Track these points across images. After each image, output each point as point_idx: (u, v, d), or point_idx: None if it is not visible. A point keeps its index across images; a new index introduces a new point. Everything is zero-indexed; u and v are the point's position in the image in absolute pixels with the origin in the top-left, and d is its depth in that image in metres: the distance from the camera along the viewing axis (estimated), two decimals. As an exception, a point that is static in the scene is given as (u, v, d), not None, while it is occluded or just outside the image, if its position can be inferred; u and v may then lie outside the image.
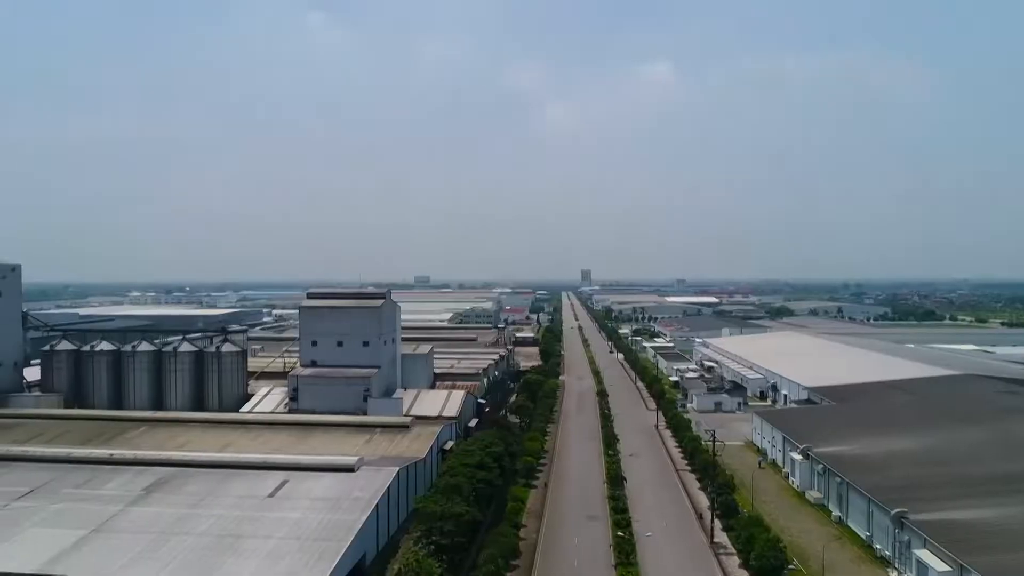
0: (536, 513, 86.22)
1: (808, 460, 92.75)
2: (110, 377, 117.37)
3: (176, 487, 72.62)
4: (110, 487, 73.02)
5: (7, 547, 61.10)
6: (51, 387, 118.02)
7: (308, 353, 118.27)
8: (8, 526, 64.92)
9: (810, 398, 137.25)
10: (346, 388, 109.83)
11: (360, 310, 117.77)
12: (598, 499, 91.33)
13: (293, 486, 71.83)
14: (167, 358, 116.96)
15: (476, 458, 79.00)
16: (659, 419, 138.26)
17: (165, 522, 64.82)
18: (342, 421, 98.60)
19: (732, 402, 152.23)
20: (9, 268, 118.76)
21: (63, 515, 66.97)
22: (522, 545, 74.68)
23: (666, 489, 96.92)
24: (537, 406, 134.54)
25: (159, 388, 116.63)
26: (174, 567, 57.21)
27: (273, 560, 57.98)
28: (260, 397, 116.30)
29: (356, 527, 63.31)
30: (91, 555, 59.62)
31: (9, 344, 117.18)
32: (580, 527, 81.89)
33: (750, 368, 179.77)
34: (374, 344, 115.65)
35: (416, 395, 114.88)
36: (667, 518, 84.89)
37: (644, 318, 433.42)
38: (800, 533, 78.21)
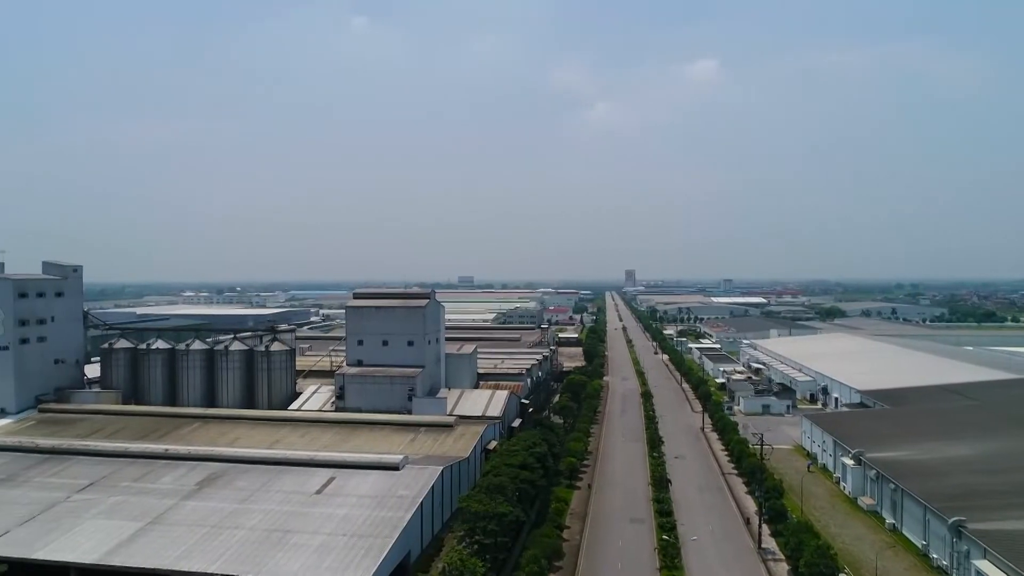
0: (579, 514, 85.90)
1: (860, 465, 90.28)
2: (165, 374, 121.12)
3: (227, 482, 74.55)
4: (165, 481, 75.40)
5: (69, 538, 63.66)
6: (110, 384, 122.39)
7: (354, 352, 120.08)
8: (70, 517, 67.64)
9: (862, 402, 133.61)
10: (391, 387, 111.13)
11: (405, 310, 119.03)
12: (642, 501, 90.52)
13: (340, 483, 73.01)
14: (219, 356, 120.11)
15: (519, 458, 79.06)
16: (705, 421, 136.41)
17: (217, 516, 66.61)
18: (387, 420, 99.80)
19: (780, 405, 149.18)
20: (71, 269, 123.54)
21: (121, 507, 69.42)
22: (565, 546, 74.50)
23: (712, 493, 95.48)
24: (580, 407, 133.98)
25: (211, 385, 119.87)
26: (226, 560, 58.74)
27: (320, 555, 59.05)
28: (308, 395, 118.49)
29: (401, 525, 64.03)
30: (147, 546, 61.64)
31: (72, 342, 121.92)
32: (624, 529, 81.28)
33: (799, 370, 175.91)
34: (419, 344, 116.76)
35: (460, 394, 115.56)
36: (713, 522, 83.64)
37: (689, 319, 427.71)
38: (852, 540, 76.20)
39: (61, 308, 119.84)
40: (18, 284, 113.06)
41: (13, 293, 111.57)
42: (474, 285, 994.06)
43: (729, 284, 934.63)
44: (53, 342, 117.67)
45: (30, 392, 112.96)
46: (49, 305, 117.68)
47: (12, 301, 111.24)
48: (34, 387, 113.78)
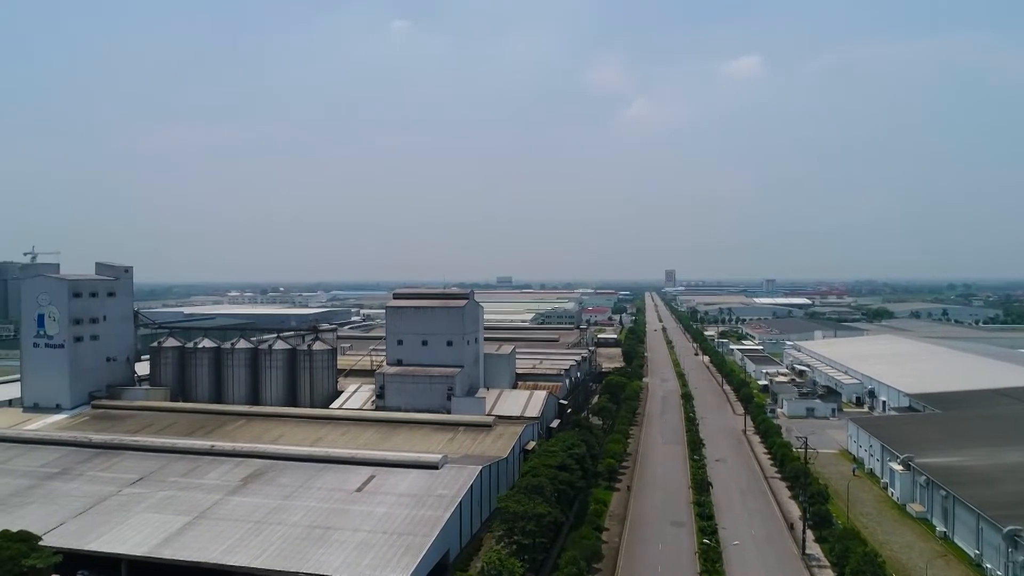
0: (619, 516, 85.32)
1: (909, 471, 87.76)
2: (211, 372, 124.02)
3: (271, 479, 76.00)
4: (211, 477, 77.22)
5: (121, 530, 65.67)
6: (159, 381, 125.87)
7: (394, 352, 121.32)
8: (121, 510, 69.76)
9: (911, 405, 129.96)
10: (430, 386, 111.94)
11: (444, 310, 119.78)
12: (683, 505, 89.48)
13: (380, 481, 73.81)
14: (263, 355, 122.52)
15: (558, 459, 78.86)
16: (747, 424, 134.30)
17: (261, 512, 67.96)
18: (426, 419, 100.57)
19: (825, 408, 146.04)
20: (122, 270, 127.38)
21: (169, 501, 71.33)
22: (604, 548, 74.05)
23: (754, 497, 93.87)
24: (619, 408, 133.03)
25: (255, 383, 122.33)
26: (269, 555, 59.89)
27: (361, 552, 59.78)
28: (349, 394, 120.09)
29: (440, 523, 64.43)
30: (195, 540, 63.21)
31: (123, 341, 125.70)
32: (664, 533, 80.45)
33: (845, 373, 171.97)
34: (457, 343, 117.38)
35: (498, 395, 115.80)
36: (756, 527, 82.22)
37: (731, 320, 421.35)
38: (900, 548, 74.13)
39: (113, 308, 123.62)
40: (72, 284, 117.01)
41: (68, 293, 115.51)
42: (512, 285, 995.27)
43: (772, 284, 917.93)
44: (105, 340, 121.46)
45: (84, 389, 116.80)
46: (102, 305, 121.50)
47: (67, 301, 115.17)
48: (88, 384, 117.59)
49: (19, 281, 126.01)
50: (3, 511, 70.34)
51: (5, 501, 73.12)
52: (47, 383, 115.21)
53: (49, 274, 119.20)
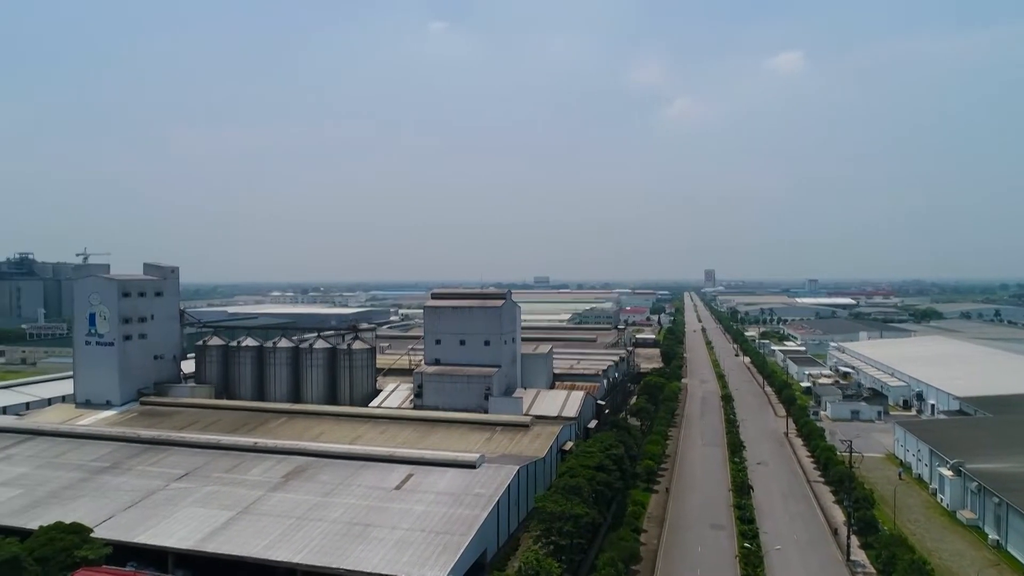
0: (657, 518, 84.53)
1: (960, 477, 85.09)
2: (254, 370, 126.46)
3: (311, 475, 77.15)
4: (254, 473, 78.72)
5: (168, 524, 67.37)
6: (204, 379, 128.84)
7: (432, 351, 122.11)
8: (168, 504, 71.59)
9: (962, 409, 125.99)
10: (468, 386, 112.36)
11: (482, 310, 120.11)
12: (723, 507, 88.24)
13: (418, 479, 74.35)
14: (304, 354, 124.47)
15: (595, 459, 78.43)
16: (789, 426, 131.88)
17: (302, 508, 69.04)
18: (464, 418, 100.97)
19: (871, 411, 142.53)
20: (169, 270, 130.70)
21: (214, 497, 72.93)
22: (642, 550, 73.47)
23: (797, 501, 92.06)
24: (658, 409, 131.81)
25: (297, 381, 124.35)
26: (310, 551, 60.79)
27: (399, 550, 60.28)
28: (388, 392, 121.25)
29: (478, 523, 64.61)
30: (238, 535, 64.51)
31: (170, 339, 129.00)
32: (703, 535, 79.43)
33: (891, 375, 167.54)
34: (495, 343, 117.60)
35: (536, 394, 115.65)
36: (798, 531, 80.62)
37: (772, 320, 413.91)
38: (950, 556, 71.91)
39: (160, 307, 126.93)
40: (122, 284, 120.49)
41: (118, 293, 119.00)
42: (550, 285, 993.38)
43: (815, 284, 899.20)
44: (153, 339, 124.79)
45: (132, 386, 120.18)
46: (149, 304, 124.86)
47: (117, 300, 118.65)
48: (136, 381, 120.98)
49: (72, 281, 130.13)
50: (57, 503, 72.84)
51: (58, 494, 75.68)
52: (98, 380, 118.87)
53: (100, 274, 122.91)
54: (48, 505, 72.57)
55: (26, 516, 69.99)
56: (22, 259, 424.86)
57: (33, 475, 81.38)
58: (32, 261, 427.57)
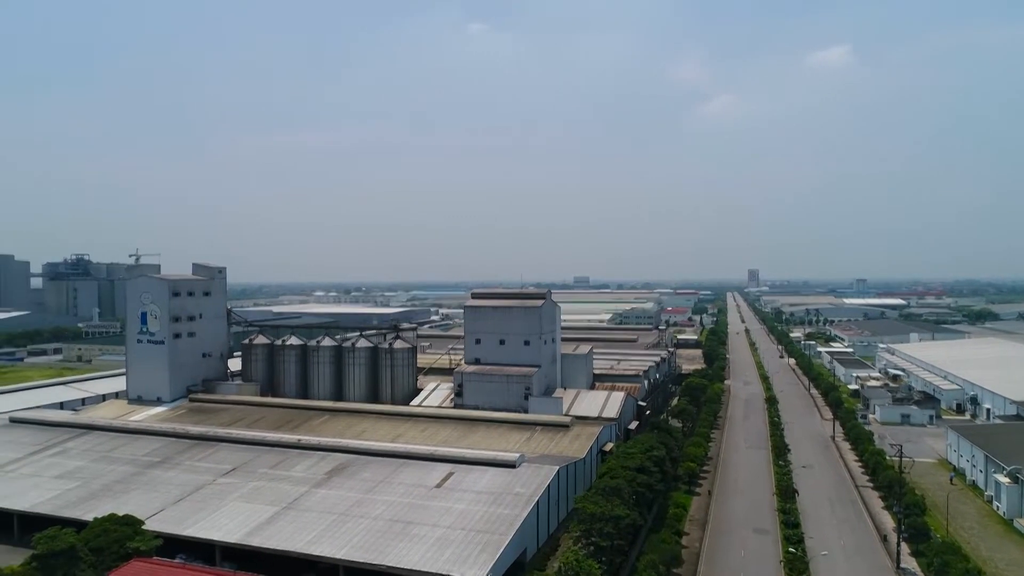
0: (699, 521, 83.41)
1: (1017, 484, 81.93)
2: (298, 368, 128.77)
3: (354, 473, 78.20)
4: (298, 469, 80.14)
5: (215, 517, 69.04)
6: (250, 376, 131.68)
7: (472, 351, 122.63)
8: (215, 499, 73.35)
9: (1019, 413, 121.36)
10: (507, 386, 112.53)
11: (521, 310, 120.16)
12: (767, 511, 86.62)
13: (458, 478, 74.74)
14: (346, 352, 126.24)
15: (636, 461, 77.76)
16: (835, 430, 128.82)
17: (345, 504, 70.03)
18: (504, 418, 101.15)
19: (922, 415, 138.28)
20: (217, 270, 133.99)
21: (259, 492, 74.47)
22: (684, 553, 72.47)
23: (844, 506, 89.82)
24: (700, 411, 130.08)
25: (339, 379, 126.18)
26: (352, 547, 61.62)
27: (440, 548, 60.68)
28: (428, 391, 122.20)
29: (518, 522, 64.65)
30: (283, 529, 65.76)
31: (217, 338, 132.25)
32: (747, 539, 78.06)
33: (944, 378, 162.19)
34: (535, 343, 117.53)
35: (576, 395, 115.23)
36: (845, 537, 78.65)
37: (818, 321, 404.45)
38: (1007, 566, 69.32)
39: (208, 306, 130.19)
40: (172, 284, 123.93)
41: (168, 292, 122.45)
42: (590, 285, 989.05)
43: (863, 284, 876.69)
44: (201, 337, 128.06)
45: (182, 383, 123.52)
46: (198, 303, 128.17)
47: (167, 300, 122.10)
48: (185, 378, 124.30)
49: (125, 281, 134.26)
50: (110, 496, 75.29)
51: (112, 487, 78.21)
52: (149, 377, 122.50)
53: (151, 275, 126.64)
54: (102, 498, 75.07)
55: (82, 508, 72.52)
56: (78, 260, 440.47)
57: (88, 468, 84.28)
58: (88, 262, 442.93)
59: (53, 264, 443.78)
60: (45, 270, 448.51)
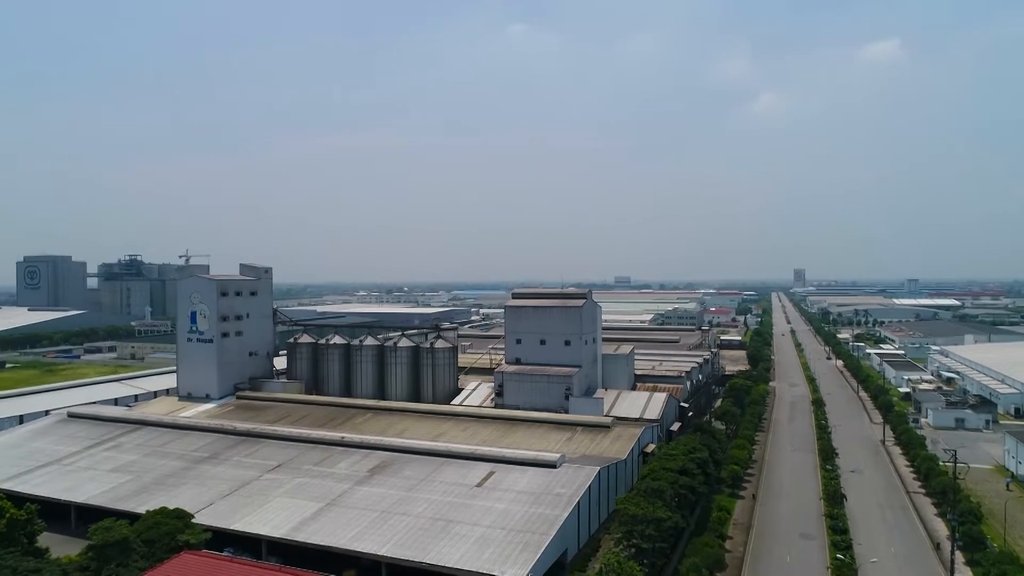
0: (743, 525, 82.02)
1: (1080, 492, 78.49)
2: (341, 367, 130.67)
3: (396, 470, 78.98)
4: (341, 466, 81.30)
5: (261, 513, 70.49)
6: (295, 374, 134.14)
7: (512, 351, 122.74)
8: (262, 494, 74.88)
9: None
10: (548, 386, 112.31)
11: (562, 310, 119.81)
12: (813, 516, 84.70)
13: (499, 478, 74.87)
14: (388, 352, 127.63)
15: (678, 463, 76.85)
16: (886, 434, 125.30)
17: (387, 502, 70.78)
18: (544, 418, 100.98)
19: (978, 419, 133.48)
20: (263, 271, 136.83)
21: (304, 488, 75.78)
22: (728, 558, 71.40)
23: (894, 512, 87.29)
24: (744, 413, 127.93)
25: (382, 378, 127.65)
26: (394, 544, 62.24)
27: (480, 547, 60.87)
28: (469, 391, 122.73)
29: (558, 522, 64.47)
30: (327, 525, 66.80)
31: (263, 337, 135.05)
32: (792, 544, 76.44)
33: (1001, 381, 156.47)
34: (575, 343, 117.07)
35: (617, 395, 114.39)
36: (896, 544, 76.43)
37: (867, 322, 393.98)
38: (1069, 577, 66.41)
39: (255, 306, 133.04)
40: (220, 284, 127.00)
41: (216, 292, 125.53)
42: (631, 285, 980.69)
43: (914, 284, 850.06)
44: (248, 336, 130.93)
45: (229, 380, 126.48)
46: (245, 303, 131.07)
47: (216, 299, 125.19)
48: (233, 376, 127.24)
49: (175, 281, 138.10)
50: (162, 490, 77.50)
51: (163, 481, 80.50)
52: (198, 374, 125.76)
53: (200, 275, 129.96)
54: (154, 491, 77.33)
55: (135, 501, 74.82)
56: (131, 261, 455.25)
57: (141, 462, 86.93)
58: (140, 263, 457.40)
59: (108, 265, 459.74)
60: (100, 271, 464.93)
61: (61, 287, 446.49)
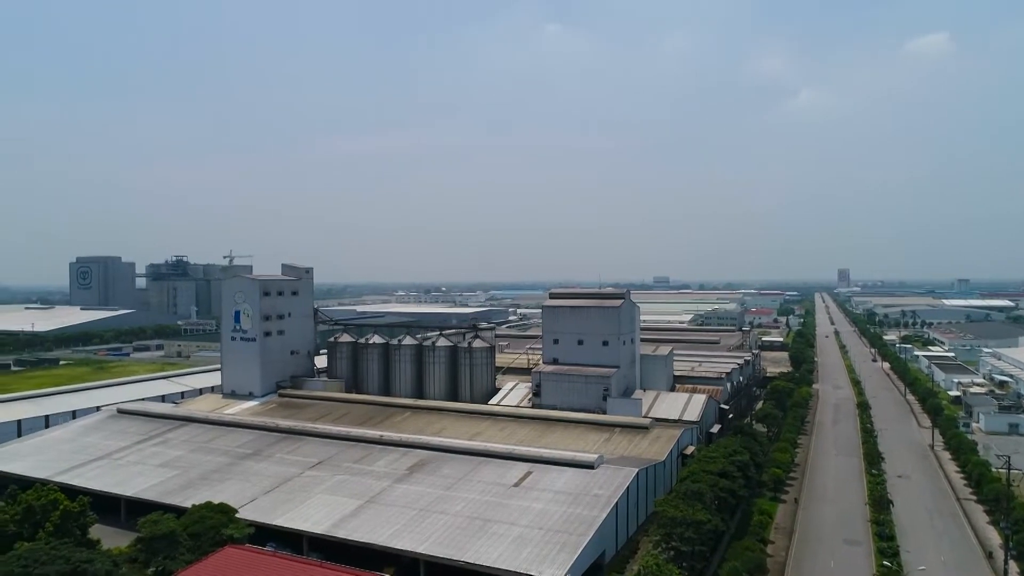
0: (785, 530, 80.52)
1: None
2: (380, 366, 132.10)
3: (434, 469, 79.51)
4: (380, 464, 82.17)
5: (303, 509, 71.66)
6: (335, 373, 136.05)
7: (550, 351, 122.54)
8: (303, 491, 76.12)
9: None
10: (586, 386, 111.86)
11: (599, 310, 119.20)
12: (858, 522, 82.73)
13: (536, 477, 74.81)
14: (427, 351, 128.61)
15: (718, 465, 75.83)
16: (935, 438, 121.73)
17: (425, 500, 71.29)
18: (582, 418, 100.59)
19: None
20: (304, 271, 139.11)
21: (344, 485, 76.79)
22: (769, 563, 70.16)
23: (944, 519, 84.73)
24: (786, 415, 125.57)
25: (420, 377, 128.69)
26: (432, 542, 62.66)
27: (518, 546, 60.89)
28: (506, 390, 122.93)
29: (596, 523, 64.15)
30: (366, 522, 67.58)
31: (305, 336, 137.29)
32: (836, 550, 74.77)
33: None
34: (613, 344, 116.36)
35: (655, 396, 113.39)
36: (945, 552, 74.19)
37: (915, 323, 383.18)
38: None
39: (296, 305, 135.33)
40: (263, 284, 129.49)
41: (259, 292, 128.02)
42: (670, 286, 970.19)
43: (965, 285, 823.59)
44: (290, 335, 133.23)
45: (272, 379, 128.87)
46: (287, 303, 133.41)
47: (258, 299, 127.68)
48: (275, 374, 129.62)
49: (220, 281, 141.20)
50: (207, 485, 79.34)
51: (208, 476, 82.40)
52: (242, 372, 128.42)
53: (243, 275, 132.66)
54: (199, 486, 79.21)
55: (181, 495, 76.74)
56: (178, 261, 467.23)
57: (187, 458, 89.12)
58: (186, 263, 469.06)
59: (155, 265, 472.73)
60: (148, 271, 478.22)
61: (111, 287, 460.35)
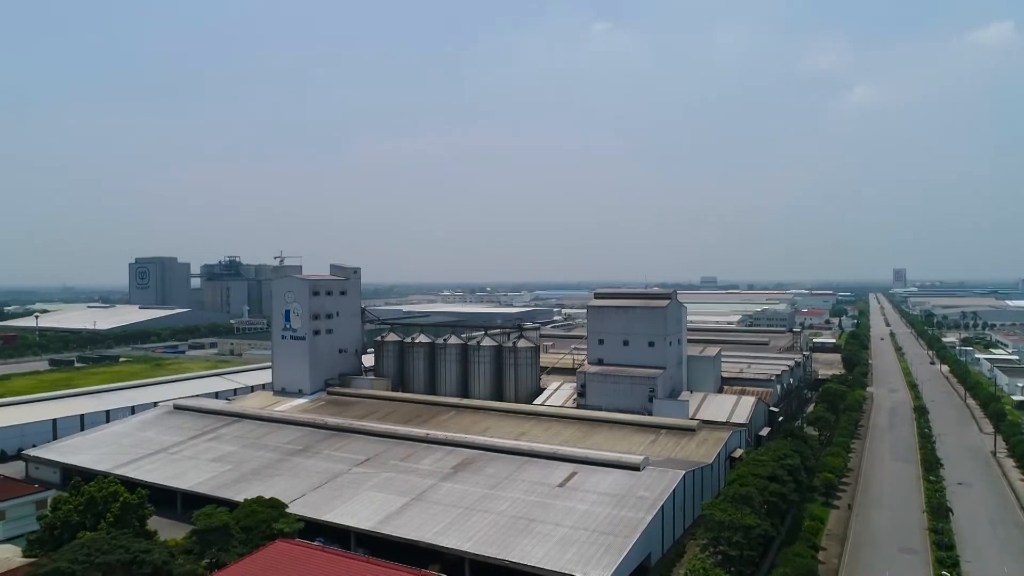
0: (837, 536, 78.43)
1: None
2: (426, 365, 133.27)
3: (479, 468, 79.86)
4: (426, 463, 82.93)
5: (350, 505, 72.81)
6: (382, 372, 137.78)
7: (595, 351, 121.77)
8: (350, 487, 77.35)
9: None
10: (631, 387, 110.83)
11: (645, 310, 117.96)
12: (915, 530, 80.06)
13: (581, 478, 74.47)
14: (472, 351, 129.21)
15: (768, 469, 74.26)
16: (997, 444, 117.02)
17: (470, 499, 71.67)
18: (628, 420, 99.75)
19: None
20: (352, 271, 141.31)
21: (390, 483, 77.74)
22: (821, 569, 68.38)
23: (1008, 529, 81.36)
24: (839, 419, 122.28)
25: (465, 377, 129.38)
26: (477, 541, 62.95)
27: (563, 547, 60.71)
28: (551, 391, 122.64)
29: (642, 526, 63.54)
30: (412, 520, 68.28)
31: (352, 335, 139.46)
32: (891, 559, 72.49)
33: None
34: (659, 344, 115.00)
35: (703, 398, 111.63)
36: (1009, 564, 71.23)
37: (976, 325, 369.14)
38: None
39: (344, 305, 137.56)
40: (312, 284, 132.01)
41: (309, 292, 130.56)
42: (718, 286, 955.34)
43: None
44: (338, 334, 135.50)
45: (320, 377, 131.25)
46: (335, 302, 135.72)
47: (308, 298, 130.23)
48: (323, 372, 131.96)
49: (271, 281, 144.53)
50: (259, 480, 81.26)
51: (259, 472, 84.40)
52: (292, 371, 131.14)
53: (293, 275, 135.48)
54: (251, 481, 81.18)
55: (234, 489, 78.78)
56: (231, 262, 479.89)
57: (239, 453, 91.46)
58: (238, 263, 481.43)
59: (209, 266, 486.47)
60: (202, 271, 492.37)
61: (168, 287, 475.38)
